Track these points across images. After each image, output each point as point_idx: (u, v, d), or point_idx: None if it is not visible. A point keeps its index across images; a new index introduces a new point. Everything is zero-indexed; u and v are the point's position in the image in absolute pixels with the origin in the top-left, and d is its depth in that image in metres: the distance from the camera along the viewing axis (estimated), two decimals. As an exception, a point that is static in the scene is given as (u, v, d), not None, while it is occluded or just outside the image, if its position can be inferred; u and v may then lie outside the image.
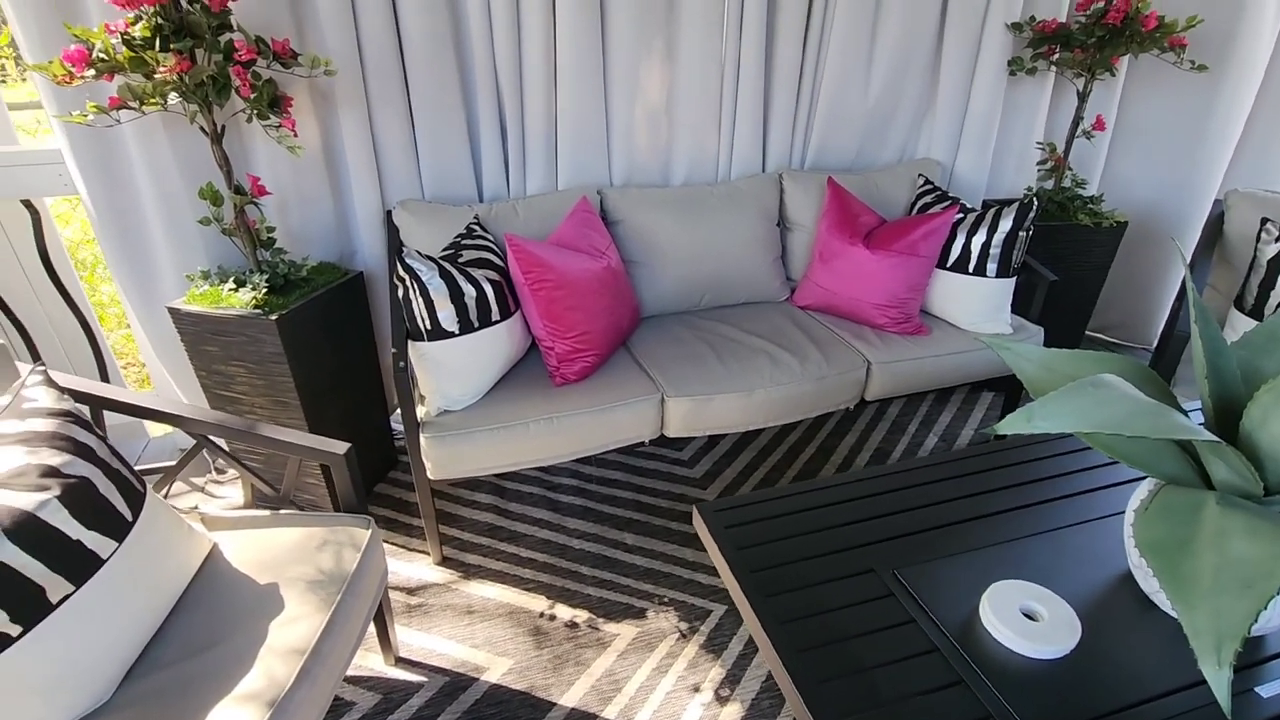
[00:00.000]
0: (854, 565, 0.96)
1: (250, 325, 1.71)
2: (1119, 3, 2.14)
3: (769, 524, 1.04)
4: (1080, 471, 1.17)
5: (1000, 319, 2.16)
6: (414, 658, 1.61)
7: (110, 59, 1.44)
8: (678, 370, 1.91)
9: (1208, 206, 2.54)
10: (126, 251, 1.90)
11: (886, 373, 2.02)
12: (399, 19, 1.90)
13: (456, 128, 2.07)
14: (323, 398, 1.90)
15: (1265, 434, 0.76)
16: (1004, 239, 2.06)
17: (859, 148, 2.52)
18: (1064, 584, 0.92)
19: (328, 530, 1.33)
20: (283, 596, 1.19)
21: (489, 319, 1.73)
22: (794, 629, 0.87)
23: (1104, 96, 2.55)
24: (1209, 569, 0.69)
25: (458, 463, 1.70)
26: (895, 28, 2.31)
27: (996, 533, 1.02)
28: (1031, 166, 2.59)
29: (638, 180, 2.35)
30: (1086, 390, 0.82)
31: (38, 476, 1.00)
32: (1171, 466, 0.87)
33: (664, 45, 2.18)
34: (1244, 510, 0.74)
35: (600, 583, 1.82)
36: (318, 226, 2.04)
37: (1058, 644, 0.83)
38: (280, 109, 1.65)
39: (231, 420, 1.33)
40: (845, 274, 2.17)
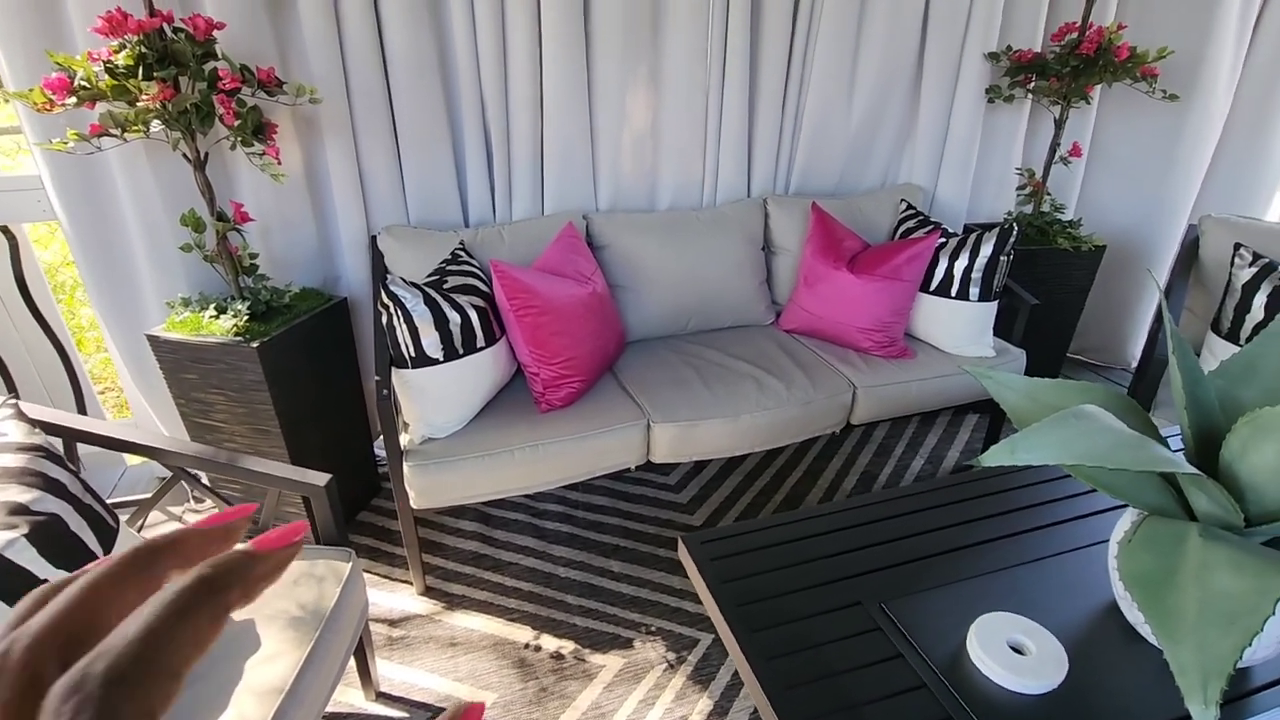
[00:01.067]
0: (841, 598, 0.95)
1: (231, 353, 1.69)
2: (1092, 34, 2.20)
3: (754, 555, 1.03)
4: (1063, 499, 1.17)
5: (983, 342, 2.17)
6: (395, 692, 1.58)
7: (92, 87, 1.44)
8: (664, 396, 1.90)
9: (1181, 230, 2.59)
10: (107, 278, 1.88)
11: (872, 396, 2.02)
12: (384, 46, 1.91)
13: (442, 153, 2.08)
14: (304, 426, 1.87)
15: (1244, 465, 0.76)
16: (985, 263, 2.09)
17: (842, 172, 2.55)
18: (1050, 615, 0.91)
19: (307, 564, 1.30)
20: (259, 633, 1.16)
21: (474, 345, 1.72)
22: (781, 665, 0.86)
23: (1080, 123, 2.61)
24: (1193, 603, 0.69)
25: (442, 491, 1.68)
26: (876, 56, 2.35)
27: (982, 562, 1.02)
28: (1011, 191, 2.63)
29: (623, 205, 2.37)
30: (1069, 422, 0.82)
31: (6, 514, 0.97)
32: (1153, 497, 0.88)
33: (649, 72, 2.21)
34: (1226, 543, 0.74)
35: (586, 612, 1.80)
36: (301, 252, 2.03)
37: (1045, 679, 0.82)
38: (265, 136, 1.65)
39: (209, 452, 1.30)
40: (830, 298, 2.18)
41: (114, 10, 1.41)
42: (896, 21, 2.31)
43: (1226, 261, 1.98)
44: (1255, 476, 0.75)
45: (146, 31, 1.43)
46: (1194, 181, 2.61)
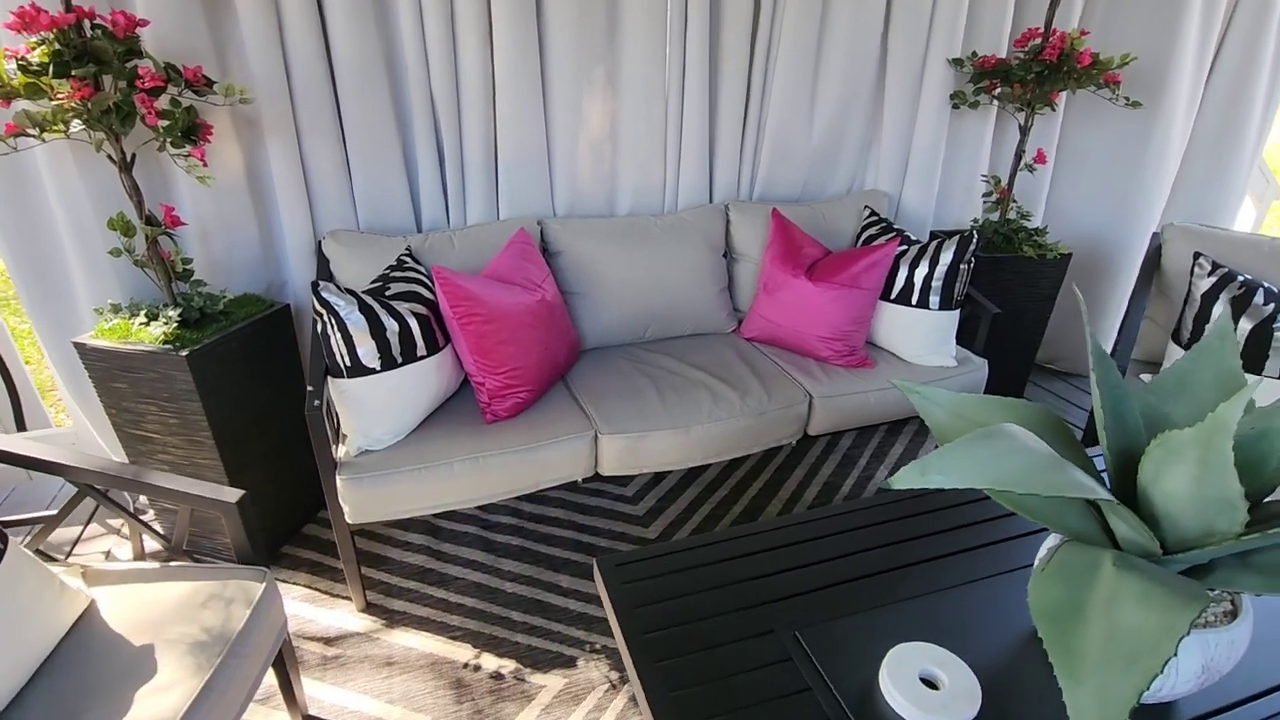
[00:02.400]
0: (754, 625, 0.90)
1: (160, 361, 1.63)
2: (1055, 40, 2.17)
3: (671, 579, 0.98)
4: (992, 520, 1.13)
5: (944, 351, 2.14)
6: (324, 714, 1.51)
7: (4, 85, 1.38)
8: (614, 406, 1.85)
9: (1147, 238, 2.57)
10: (38, 283, 1.82)
11: (829, 407, 1.98)
12: (329, 45, 1.86)
13: (392, 156, 2.03)
14: (243, 437, 1.81)
15: (1158, 491, 0.72)
16: (946, 271, 2.05)
17: (806, 179, 2.52)
18: (969, 644, 0.87)
19: (218, 584, 1.24)
20: (156, 660, 1.10)
21: (414, 354, 1.67)
22: (682, 696, 0.81)
23: (1045, 130, 2.58)
24: (1098, 639, 0.65)
25: (377, 505, 1.62)
26: (839, 62, 2.32)
27: (904, 587, 0.97)
28: (977, 199, 2.60)
29: (582, 210, 2.32)
30: (984, 442, 0.78)
31: None
32: (1075, 522, 0.83)
33: (605, 75, 2.16)
34: (1139, 573, 0.70)
35: (530, 629, 1.74)
36: (243, 257, 1.97)
37: (956, 716, 0.78)
38: (197, 137, 1.59)
39: (113, 467, 1.24)
40: (789, 306, 2.14)
41: (27, 5, 1.36)
42: (858, 27, 2.27)
43: (1187, 271, 1.95)
44: (1169, 504, 0.71)
45: (61, 27, 1.37)
46: (1161, 189, 2.58)
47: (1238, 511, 0.65)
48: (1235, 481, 0.63)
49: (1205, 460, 0.64)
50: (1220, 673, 0.75)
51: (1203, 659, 0.74)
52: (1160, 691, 0.77)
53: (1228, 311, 0.91)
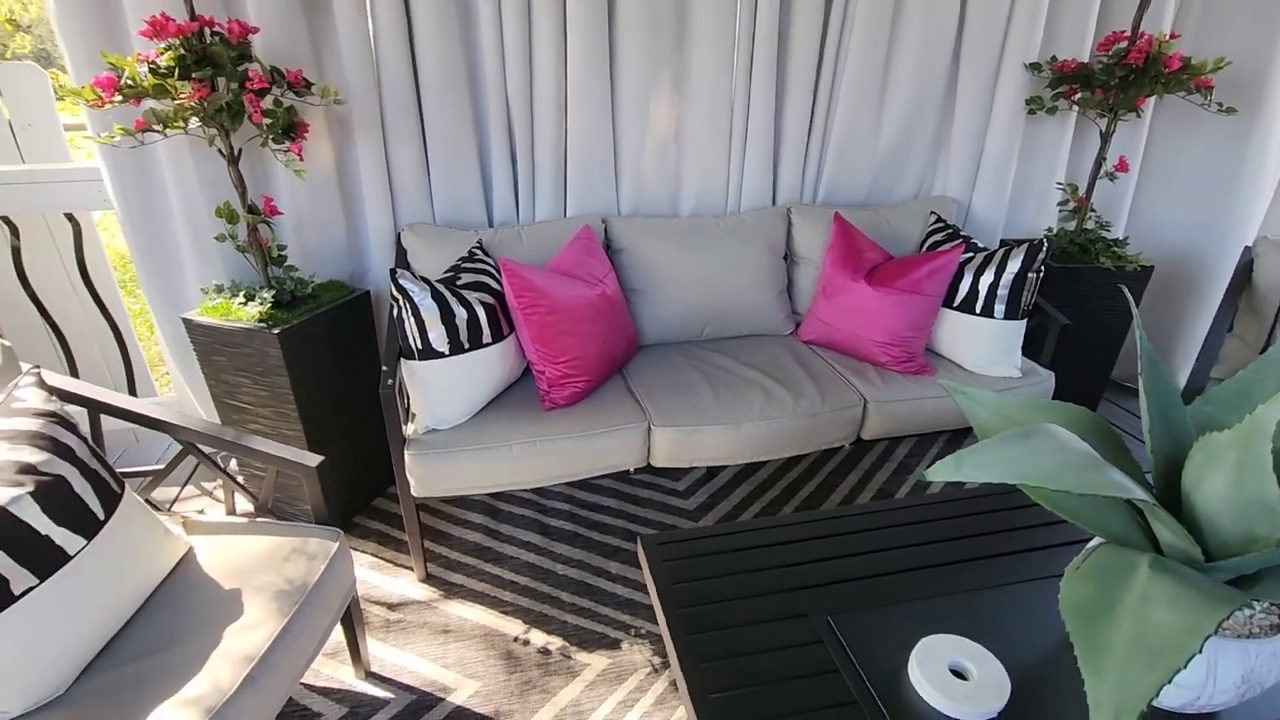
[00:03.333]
0: (787, 608, 0.93)
1: (255, 337, 1.78)
2: (1141, 43, 2.09)
3: (709, 560, 1.02)
4: (1037, 527, 1.11)
5: (1009, 362, 2.09)
6: (384, 673, 1.62)
7: (137, 85, 1.55)
8: (668, 400, 1.90)
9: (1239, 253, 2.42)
10: (155, 264, 2.02)
11: (884, 412, 1.97)
12: (415, 52, 1.99)
13: (468, 155, 2.14)
14: (323, 412, 1.96)
15: (1200, 495, 0.71)
16: (1013, 279, 2.01)
17: (872, 184, 2.50)
18: (1002, 643, 0.87)
19: (299, 540, 1.36)
20: (243, 603, 1.22)
21: (480, 341, 1.77)
22: (712, 669, 0.85)
23: (1129, 137, 2.48)
24: (1125, 637, 0.65)
25: (440, 481, 1.72)
26: (909, 67, 2.30)
27: (939, 585, 0.98)
28: (1052, 207, 2.52)
29: (646, 210, 2.38)
30: (1020, 440, 0.79)
31: (14, 473, 1.06)
32: (1118, 527, 0.83)
33: (673, 80, 2.22)
34: (1175, 576, 0.70)
35: (579, 610, 1.81)
36: (331, 246, 2.13)
37: (983, 707, 0.79)
38: (295, 135, 1.74)
39: (214, 429, 1.38)
40: (848, 310, 2.14)
41: (158, 14, 1.53)
42: (930, 31, 2.25)
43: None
44: (1209, 506, 0.70)
45: (186, 34, 1.53)
46: (1258, 201, 2.43)
47: (1277, 516, 0.64)
48: (1274, 484, 0.62)
49: (1243, 463, 0.64)
50: (1262, 685, 0.73)
51: (1243, 669, 0.72)
52: (1199, 700, 0.76)
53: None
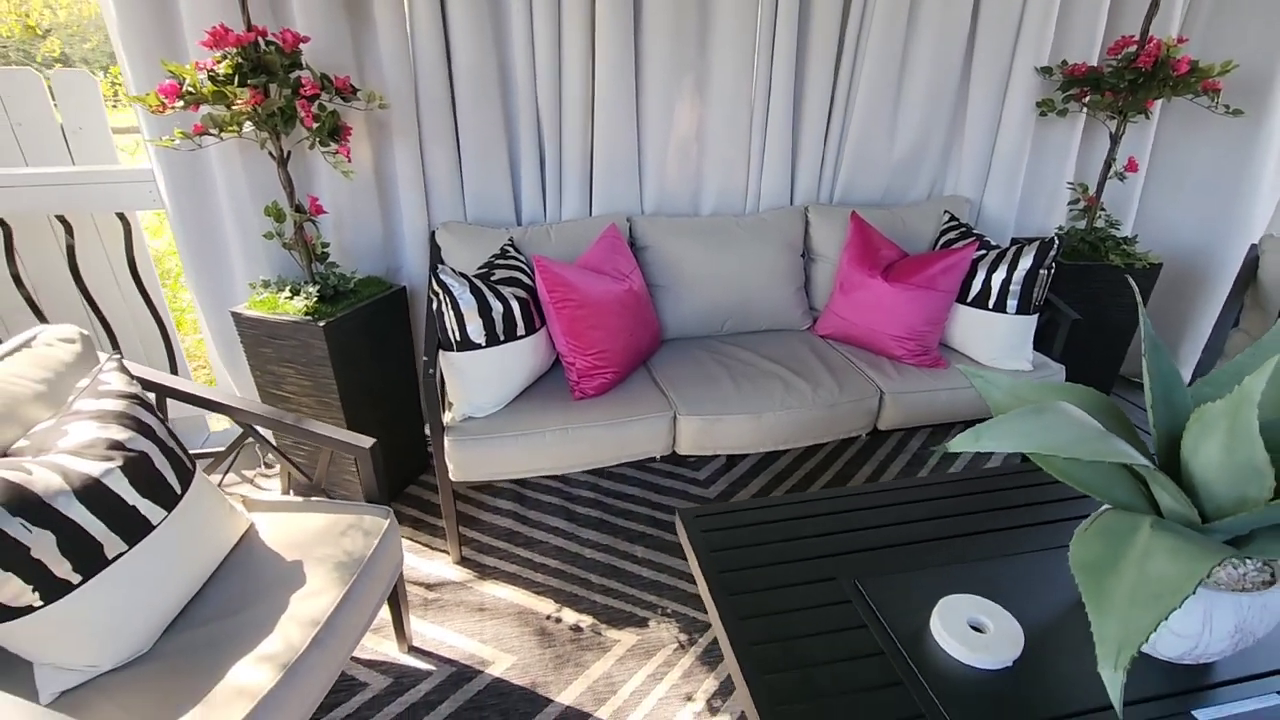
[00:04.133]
0: (817, 573, 1.02)
1: (301, 330, 1.88)
2: (1150, 47, 2.16)
3: (743, 531, 1.11)
4: (1047, 503, 1.19)
5: (1021, 356, 2.16)
6: (426, 647, 1.72)
7: (197, 92, 1.65)
8: (692, 390, 1.99)
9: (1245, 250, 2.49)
10: (204, 260, 2.12)
11: (900, 403, 2.05)
12: (451, 59, 2.09)
13: (499, 157, 2.24)
14: (362, 401, 2.05)
15: (1196, 462, 0.79)
16: (1024, 276, 2.08)
17: (888, 184, 2.58)
18: (1016, 603, 0.95)
19: (352, 518, 1.45)
20: (305, 573, 1.32)
21: (514, 333, 1.86)
22: (750, 625, 0.93)
23: (1137, 138, 2.54)
24: (1128, 586, 0.73)
25: (477, 466, 1.81)
26: (923, 71, 2.37)
27: (961, 552, 1.06)
28: (1062, 206, 2.59)
29: (668, 209, 2.47)
30: (1034, 415, 0.87)
31: (105, 448, 1.16)
32: (1123, 495, 0.91)
33: (695, 84, 2.30)
34: (1174, 534, 0.78)
35: (607, 591, 1.90)
36: (368, 243, 2.23)
37: (999, 655, 0.87)
38: (340, 137, 1.84)
39: (274, 412, 1.48)
40: (864, 305, 2.22)
41: (218, 26, 1.63)
42: (943, 38, 2.33)
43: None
44: (1205, 473, 0.78)
45: (243, 44, 1.63)
46: (1265, 200, 2.49)
47: (1265, 478, 0.71)
48: (1261, 449, 0.70)
49: (1233, 430, 0.71)
50: (1254, 635, 0.81)
51: (1236, 619, 0.80)
52: (1196, 650, 0.83)
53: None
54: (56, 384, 1.30)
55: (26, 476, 1.06)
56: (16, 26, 6.90)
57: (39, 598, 1.04)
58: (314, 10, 1.89)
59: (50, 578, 1.04)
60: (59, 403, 1.28)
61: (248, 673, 1.11)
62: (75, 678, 1.10)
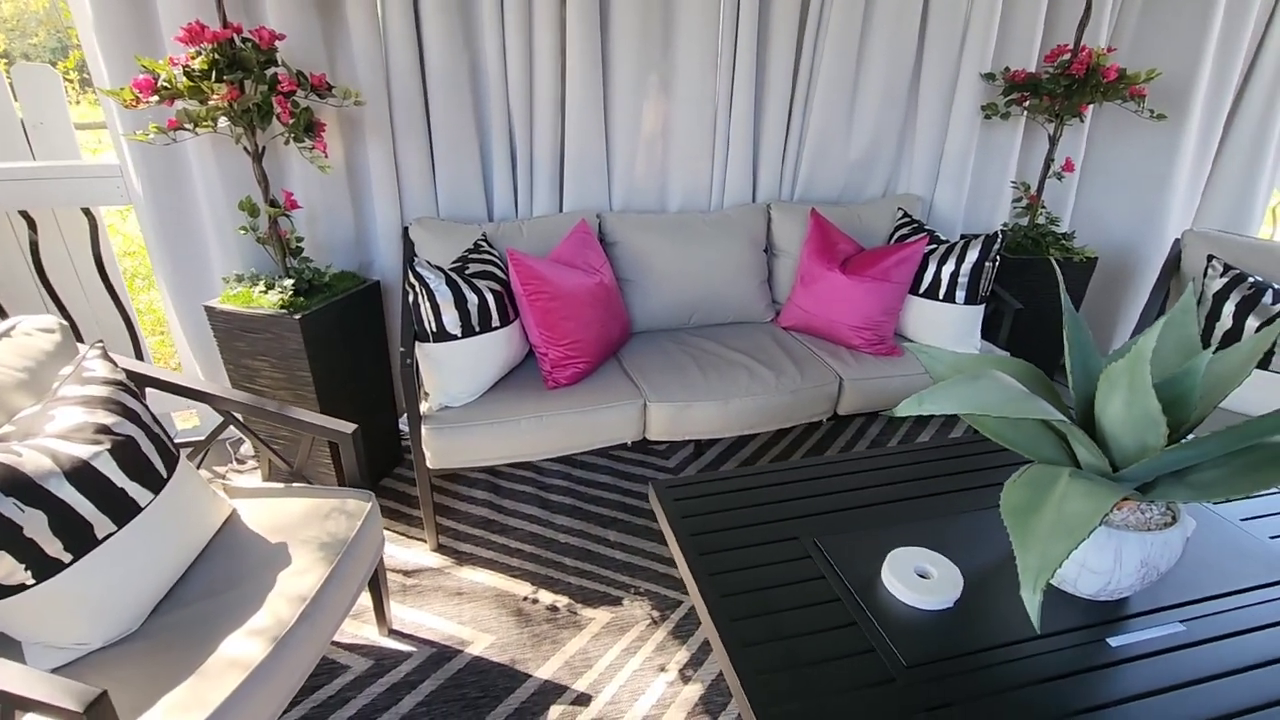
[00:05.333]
0: (781, 534, 1.11)
1: (276, 323, 1.91)
2: (1082, 56, 2.32)
3: (712, 499, 1.19)
4: (994, 468, 1.30)
5: (969, 343, 2.30)
6: (406, 630, 1.76)
7: (172, 87, 1.68)
8: (661, 379, 2.07)
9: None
10: (178, 255, 2.12)
11: (858, 389, 2.16)
12: (423, 58, 2.14)
13: (471, 154, 2.29)
14: (337, 394, 2.08)
15: (1105, 417, 0.90)
16: (971, 268, 2.22)
17: (845, 183, 2.71)
18: (960, 554, 1.06)
19: (335, 501, 1.50)
20: (291, 553, 1.36)
21: (489, 324, 1.91)
22: (719, 580, 1.01)
23: (1073, 140, 2.72)
24: (1047, 523, 0.84)
25: (454, 454, 1.87)
26: (877, 75, 2.51)
27: (909, 513, 1.16)
28: (1007, 204, 2.75)
29: (636, 206, 2.55)
30: (969, 381, 0.97)
31: (93, 432, 1.19)
32: (1049, 451, 1.02)
33: (661, 85, 2.39)
34: (1088, 480, 0.88)
35: (581, 573, 1.97)
36: (341, 238, 2.26)
37: (941, 597, 0.97)
38: (315, 133, 1.87)
39: (258, 400, 1.51)
40: (824, 297, 2.33)
41: (194, 22, 1.65)
42: (895, 43, 2.46)
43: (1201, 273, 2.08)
44: (1112, 426, 0.89)
45: (219, 41, 1.66)
46: (1189, 198, 2.70)
47: (1160, 426, 0.82)
48: (1154, 399, 0.81)
49: (1132, 385, 0.82)
50: (1158, 569, 0.92)
51: (1141, 554, 0.91)
52: (1110, 585, 0.94)
53: (1191, 290, 1.08)
54: (38, 372, 1.32)
55: (17, 458, 1.08)
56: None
57: (31, 576, 1.07)
58: (288, 9, 1.92)
59: (42, 556, 1.07)
60: (41, 390, 1.30)
61: (239, 646, 1.15)
62: (65, 655, 1.13)
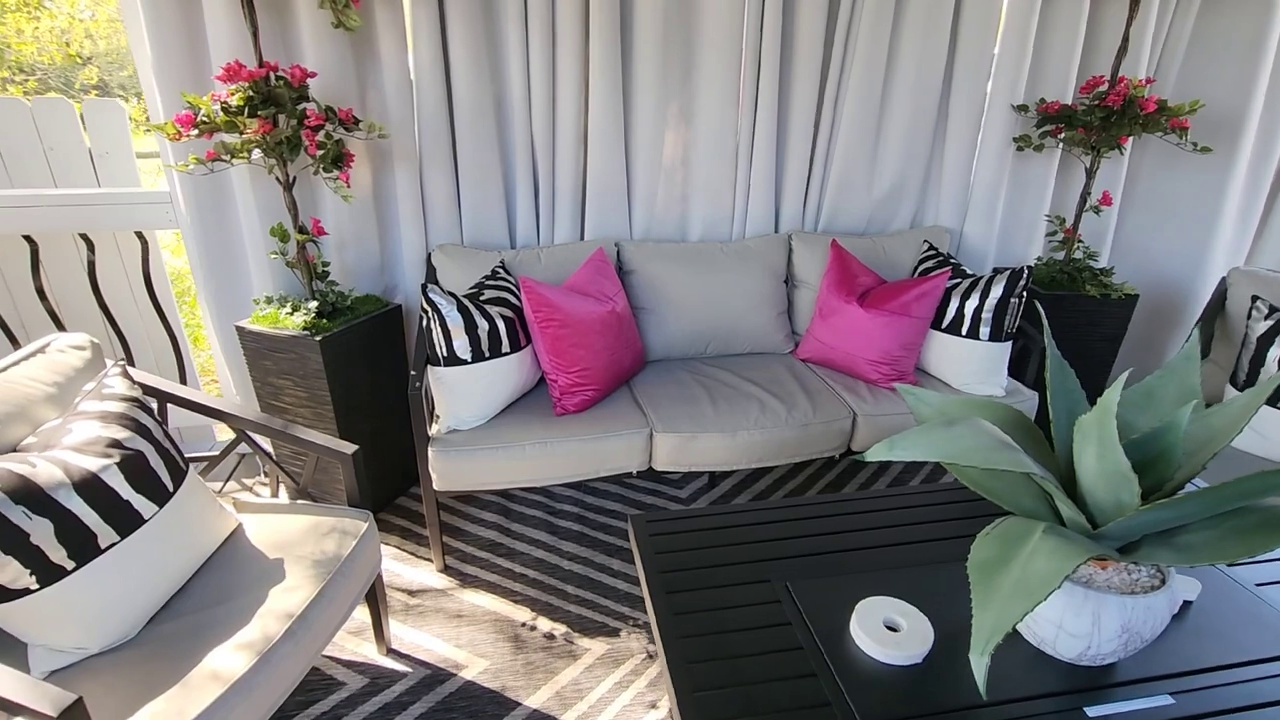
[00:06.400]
0: (753, 575, 1.08)
1: (299, 344, 1.99)
2: (1119, 87, 2.24)
3: (689, 535, 1.18)
4: (974, 518, 1.24)
5: (994, 381, 2.22)
6: (403, 650, 1.78)
7: (210, 122, 1.79)
8: (670, 409, 2.06)
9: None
10: (217, 277, 2.24)
11: (873, 425, 2.11)
12: (451, 90, 2.22)
13: (495, 183, 2.36)
14: (356, 414, 2.15)
15: (1081, 471, 0.85)
16: (996, 304, 2.15)
17: (871, 215, 2.67)
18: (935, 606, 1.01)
19: (334, 520, 1.54)
20: (286, 570, 1.40)
21: (499, 350, 1.95)
22: (682, 620, 1.00)
23: (1112, 173, 2.62)
24: (1010, 582, 0.80)
25: (459, 476, 1.90)
26: (902, 108, 2.47)
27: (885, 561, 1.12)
28: (1041, 237, 2.66)
29: (657, 235, 2.57)
30: (944, 428, 0.94)
31: (104, 446, 1.26)
32: (1029, 504, 0.97)
33: (683, 116, 2.42)
34: (1061, 537, 0.84)
35: (582, 601, 1.96)
36: (368, 264, 2.35)
37: (908, 652, 0.92)
38: (343, 164, 1.96)
39: (264, 418, 1.58)
40: (842, 330, 2.29)
41: (233, 62, 1.77)
42: (922, 74, 2.43)
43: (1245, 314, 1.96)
44: (1086, 480, 0.84)
45: (255, 79, 1.77)
46: (1239, 235, 2.55)
47: (1132, 484, 0.77)
48: (1122, 456, 0.76)
49: (1101, 439, 0.78)
50: (1141, 636, 0.86)
51: (1121, 619, 0.85)
52: (1090, 650, 0.88)
53: (1197, 336, 1.02)
54: (66, 387, 1.41)
55: (31, 469, 1.16)
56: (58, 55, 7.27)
57: (35, 581, 1.13)
58: (324, 45, 2.03)
59: (46, 563, 1.14)
60: (66, 404, 1.39)
61: (224, 659, 1.19)
62: (65, 658, 1.19)
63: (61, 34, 7.18)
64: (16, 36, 7.15)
